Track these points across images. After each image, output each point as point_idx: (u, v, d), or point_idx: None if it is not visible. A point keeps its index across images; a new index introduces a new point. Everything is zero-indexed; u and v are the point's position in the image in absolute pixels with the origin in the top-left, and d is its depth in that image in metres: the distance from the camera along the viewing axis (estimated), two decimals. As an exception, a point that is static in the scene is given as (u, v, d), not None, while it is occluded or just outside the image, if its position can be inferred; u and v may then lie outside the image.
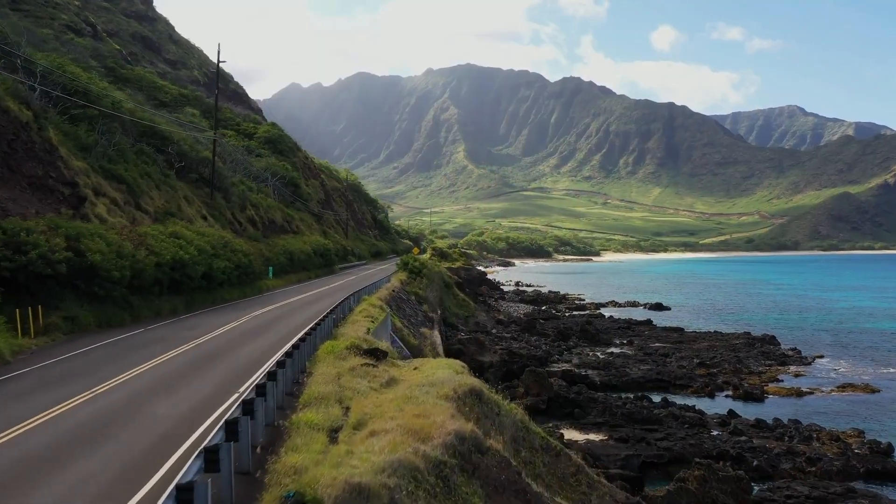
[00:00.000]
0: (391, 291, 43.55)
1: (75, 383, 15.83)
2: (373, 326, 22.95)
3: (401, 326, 33.29)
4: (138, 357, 19.32)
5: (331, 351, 17.27)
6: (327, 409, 11.89)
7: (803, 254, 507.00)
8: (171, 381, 16.41)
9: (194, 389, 15.52)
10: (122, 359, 19.16)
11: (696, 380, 51.90)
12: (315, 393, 13.26)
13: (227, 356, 19.55)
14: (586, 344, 67.19)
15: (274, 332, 22.84)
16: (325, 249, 72.02)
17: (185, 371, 17.64)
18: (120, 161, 38.66)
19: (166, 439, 11.53)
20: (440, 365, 17.39)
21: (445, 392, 13.18)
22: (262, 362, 17.35)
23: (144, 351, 20.36)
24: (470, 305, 72.21)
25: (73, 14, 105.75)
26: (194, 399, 14.32)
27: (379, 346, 17.70)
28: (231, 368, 17.75)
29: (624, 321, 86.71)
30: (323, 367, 15.75)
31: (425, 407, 11.94)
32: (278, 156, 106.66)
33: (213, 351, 20.48)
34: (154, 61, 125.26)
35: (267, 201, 69.15)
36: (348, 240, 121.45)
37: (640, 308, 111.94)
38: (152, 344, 21.64)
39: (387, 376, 15.10)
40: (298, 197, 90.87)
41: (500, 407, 15.51)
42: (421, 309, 48.87)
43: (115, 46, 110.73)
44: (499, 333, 66.60)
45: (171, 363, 18.67)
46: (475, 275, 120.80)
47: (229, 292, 36.19)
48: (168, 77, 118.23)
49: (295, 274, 57.65)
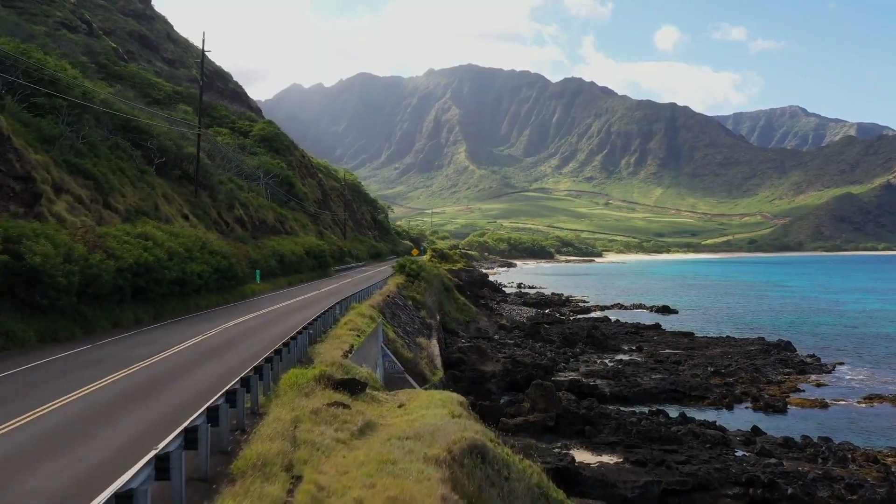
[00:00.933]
0: (385, 297, 40.27)
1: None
2: (358, 342, 19.66)
3: (394, 337, 30.00)
4: (50, 390, 14.91)
5: (295, 382, 13.70)
6: (264, 487, 8.44)
7: (806, 255, 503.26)
8: (63, 435, 11.77)
9: (78, 456, 10.77)
10: (28, 393, 14.74)
11: (713, 390, 48.56)
12: (256, 453, 9.63)
13: (165, 390, 15.29)
14: (593, 350, 63.87)
15: (240, 350, 19.29)
16: (320, 251, 68.68)
17: (92, 416, 13.08)
18: (89, 155, 35.40)
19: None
20: (433, 401, 13.95)
21: (436, 453, 9.71)
22: (208, 399, 12.51)
23: (66, 379, 16.01)
24: (471, 310, 68.68)
25: (68, 11, 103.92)
26: (67, 476, 9.70)
27: (356, 376, 14.22)
28: (159, 412, 13.45)
29: (631, 325, 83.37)
30: (278, 410, 12.17)
31: (406, 482, 8.58)
32: (274, 154, 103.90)
33: (151, 379, 16.23)
34: (151, 60, 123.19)
35: (258, 200, 65.86)
36: (346, 241, 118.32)
37: (647, 311, 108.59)
38: (85, 367, 17.40)
39: (361, 421, 11.66)
40: (293, 196, 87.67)
41: (511, 468, 11.92)
42: (418, 315, 45.57)
43: (111, 44, 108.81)
44: (501, 340, 63.28)
45: (84, 401, 14.13)
46: (476, 277, 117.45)
47: (207, 299, 32.90)
48: (163, 74, 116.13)
49: (286, 277, 54.37)
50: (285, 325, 25.76)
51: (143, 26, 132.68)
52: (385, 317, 33.44)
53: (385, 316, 33.72)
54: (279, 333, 22.29)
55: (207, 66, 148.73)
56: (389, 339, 29.20)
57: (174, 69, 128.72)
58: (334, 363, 14.99)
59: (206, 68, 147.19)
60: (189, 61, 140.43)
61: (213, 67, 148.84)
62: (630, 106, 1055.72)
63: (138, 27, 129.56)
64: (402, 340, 31.89)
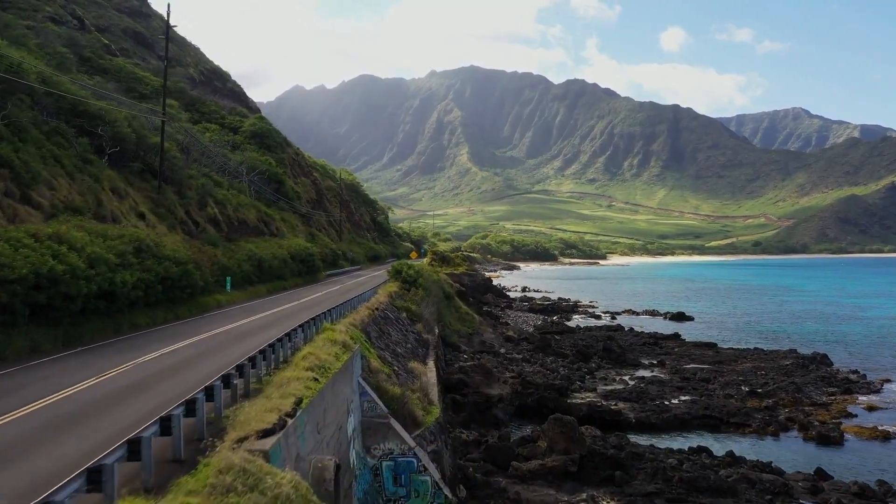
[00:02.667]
0: (373, 311, 33.84)
1: None
2: (311, 393, 13.23)
3: (378, 367, 23.48)
4: None
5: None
6: None
7: (813, 257, 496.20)
8: None
9: None
10: None
11: (753, 416, 42.03)
12: None
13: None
14: (610, 365, 57.32)
15: (128, 410, 12.74)
16: (308, 254, 62.17)
17: None
18: (11, 139, 29.12)
19: None
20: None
21: None
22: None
23: None
24: (474, 319, 61.96)
25: (58, 6, 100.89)
26: None
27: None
28: None
29: (648, 335, 76.81)
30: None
31: None
32: (265, 151, 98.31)
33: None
34: (146, 58, 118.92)
35: (238, 198, 59.36)
36: (342, 243, 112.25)
37: (661, 318, 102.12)
38: None
39: None
40: (282, 195, 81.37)
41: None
42: (413, 330, 39.08)
43: (103, 41, 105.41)
44: (508, 354, 56.71)
45: None
46: (479, 281, 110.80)
47: (147, 315, 26.47)
48: (160, 72, 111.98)
49: (264, 284, 47.92)
50: (234, 353, 19.42)
51: (139, 24, 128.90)
52: (369, 338, 26.96)
53: (369, 337, 27.24)
54: (217, 368, 16.02)
55: (205, 64, 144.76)
56: (372, 370, 22.77)
57: (171, 67, 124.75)
58: (232, 468, 8.60)
59: (204, 67, 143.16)
60: (186, 60, 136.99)
61: (212, 66, 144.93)
62: (633, 107, 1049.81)
63: (133, 24, 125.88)
64: (389, 369, 25.37)
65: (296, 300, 42.30)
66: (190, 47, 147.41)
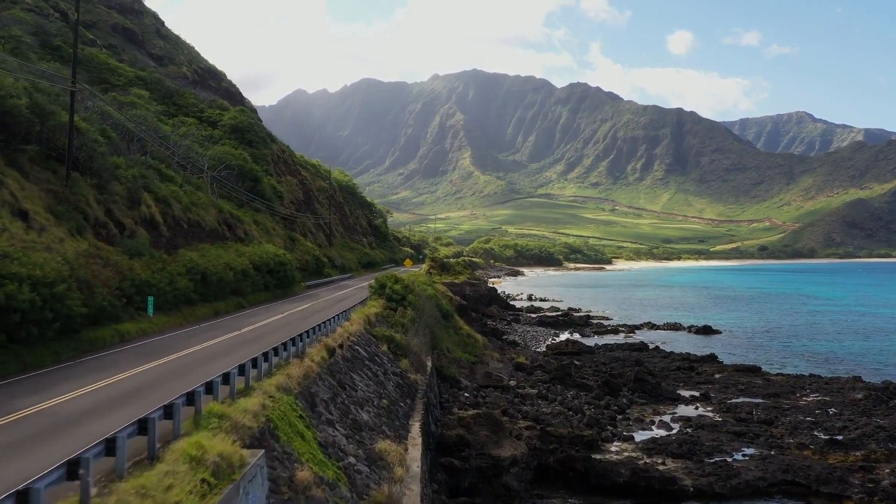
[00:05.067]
0: (340, 344, 23.63)
1: None
2: None
3: (309, 477, 12.92)
4: None
5: None
6: None
7: (821, 262, 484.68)
8: None
9: None
10: None
11: (849, 482, 31.55)
12: None
13: None
14: (644, 399, 46.84)
15: None
16: (279, 263, 51.83)
17: None
18: None
19: None
20: None
21: None
22: None
23: None
24: (477, 342, 50.99)
25: None
26: None
27: None
28: None
29: (679, 356, 66.26)
30: None
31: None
32: (246, 147, 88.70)
33: None
34: (137, 55, 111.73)
35: (193, 197, 49.09)
36: (332, 248, 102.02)
37: (685, 332, 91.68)
38: None
39: None
40: (257, 195, 71.20)
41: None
42: (396, 369, 28.75)
43: (88, 36, 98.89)
44: (520, 387, 46.16)
45: None
46: (483, 292, 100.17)
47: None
48: (141, 63, 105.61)
49: (212, 304, 37.64)
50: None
51: (130, 21, 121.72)
52: (311, 406, 16.68)
53: (312, 404, 16.93)
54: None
55: (199, 63, 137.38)
56: (296, 484, 12.53)
57: (163, 66, 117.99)
58: None
59: (199, 65, 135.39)
60: (179, 58, 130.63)
61: (207, 65, 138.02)
62: (636, 111, 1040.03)
63: (122, 20, 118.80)
64: (336, 470, 14.97)
65: (242, 327, 32.00)
66: (184, 45, 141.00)
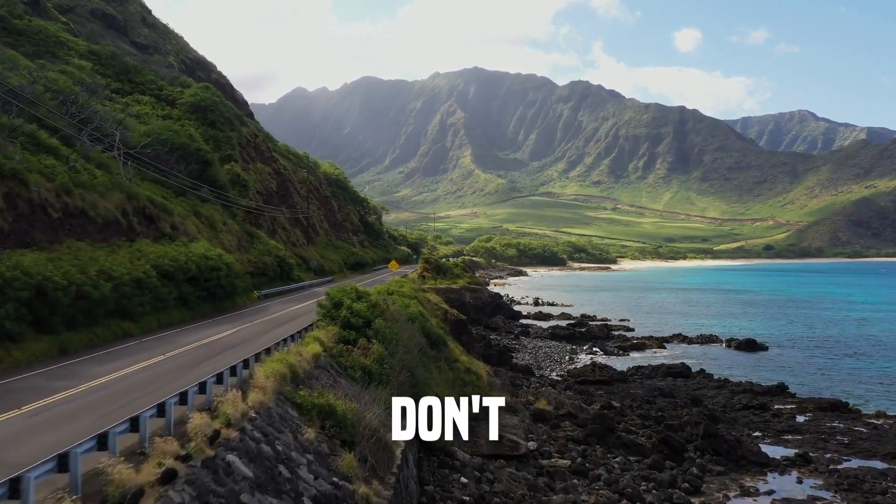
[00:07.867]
0: (213, 437, 10.02)
1: None
2: None
3: None
4: None
5: None
6: None
7: (832, 261, 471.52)
8: None
9: None
10: None
11: None
12: None
13: None
14: (721, 466, 33.01)
15: None
16: (211, 268, 37.88)
17: None
18: None
19: None
20: None
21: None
22: None
23: None
24: (479, 379, 35.87)
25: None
26: None
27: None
28: None
29: (739, 387, 52.73)
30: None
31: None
32: (208, 128, 75.44)
33: None
34: (119, 43, 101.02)
35: (74, 176, 34.70)
36: (311, 248, 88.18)
37: (724, 346, 78.33)
38: None
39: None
40: (206, 181, 57.13)
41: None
42: (330, 476, 14.89)
43: (61, 20, 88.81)
44: (544, 451, 32.26)
45: None
46: (486, 299, 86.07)
47: None
48: (137, 59, 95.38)
49: (58, 336, 23.79)
50: None
51: (112, 7, 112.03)
52: None
53: None
54: None
55: (189, 53, 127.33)
56: None
57: (147, 55, 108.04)
58: None
59: (187, 56, 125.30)
60: (166, 47, 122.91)
61: (195, 56, 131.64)
62: (638, 109, 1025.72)
63: (103, 6, 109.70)
64: None
65: (52, 395, 18.04)
66: (172, 35, 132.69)
